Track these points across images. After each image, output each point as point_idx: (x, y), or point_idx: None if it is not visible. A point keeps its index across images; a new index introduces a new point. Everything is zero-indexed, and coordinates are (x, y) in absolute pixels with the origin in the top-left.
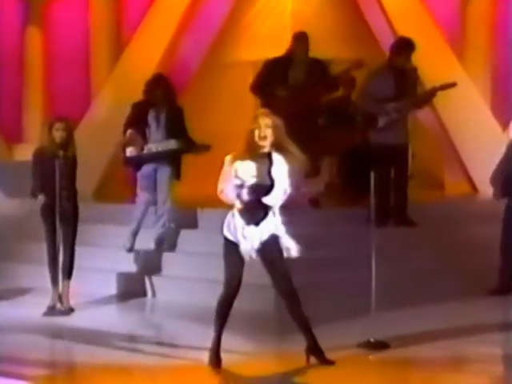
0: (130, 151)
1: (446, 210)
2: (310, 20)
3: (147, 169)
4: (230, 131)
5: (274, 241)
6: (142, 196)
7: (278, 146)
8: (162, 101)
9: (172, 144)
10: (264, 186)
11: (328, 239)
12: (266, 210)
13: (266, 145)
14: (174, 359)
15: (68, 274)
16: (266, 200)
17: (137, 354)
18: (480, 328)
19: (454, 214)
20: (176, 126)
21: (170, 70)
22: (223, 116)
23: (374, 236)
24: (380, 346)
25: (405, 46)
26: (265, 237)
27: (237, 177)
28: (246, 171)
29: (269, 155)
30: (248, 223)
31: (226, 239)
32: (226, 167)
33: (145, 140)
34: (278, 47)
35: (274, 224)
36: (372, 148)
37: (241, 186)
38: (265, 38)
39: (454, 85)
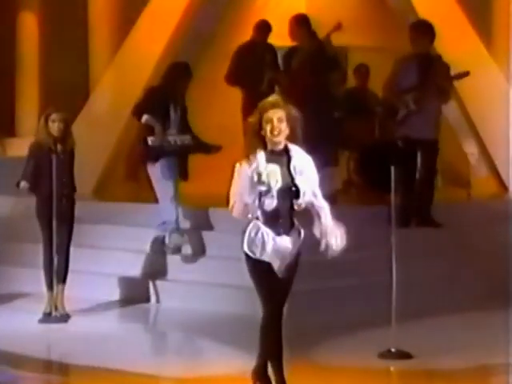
0: (152, 140)
1: (473, 209)
2: (325, 4)
3: (166, 160)
4: (239, 124)
5: (298, 255)
6: (169, 190)
7: (292, 139)
8: (182, 92)
9: (188, 139)
10: (289, 188)
11: (346, 240)
12: (292, 216)
13: (280, 140)
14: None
15: (63, 277)
16: (296, 203)
17: (139, 366)
18: (507, 337)
19: (481, 215)
20: (186, 122)
21: (174, 58)
22: (232, 108)
23: (395, 237)
24: (402, 356)
25: (423, 30)
26: (295, 250)
27: (260, 182)
28: (271, 174)
29: (286, 150)
30: (279, 233)
31: (250, 257)
32: (237, 176)
33: (164, 129)
34: None
35: (299, 233)
36: (395, 142)
37: (266, 193)
38: (278, 23)
39: (467, 73)
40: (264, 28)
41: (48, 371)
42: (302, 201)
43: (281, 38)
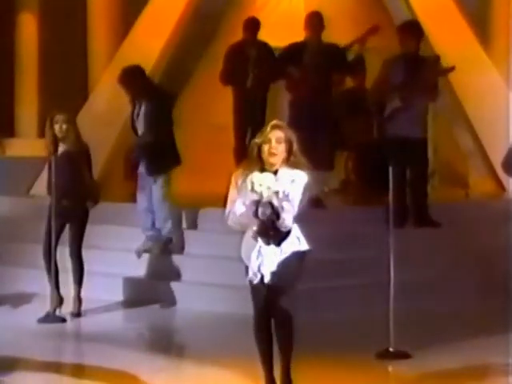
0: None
1: (471, 209)
2: (324, 4)
3: (141, 167)
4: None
5: (294, 259)
6: (140, 197)
7: (289, 164)
8: (139, 93)
9: (146, 137)
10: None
11: (343, 241)
12: (281, 229)
13: (276, 162)
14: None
15: (77, 279)
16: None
17: (143, 366)
18: (507, 337)
19: (479, 214)
20: (151, 115)
21: (173, 58)
22: (229, 107)
23: (393, 237)
24: (400, 355)
25: (411, 30)
26: (283, 256)
27: (253, 190)
28: (264, 183)
29: (275, 172)
30: (267, 243)
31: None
32: (233, 184)
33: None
34: (291, 34)
35: (296, 239)
36: (387, 142)
37: (257, 203)
38: (276, 23)
39: (453, 68)
40: (252, 25)
41: (49, 371)
42: (282, 224)
43: (280, 38)
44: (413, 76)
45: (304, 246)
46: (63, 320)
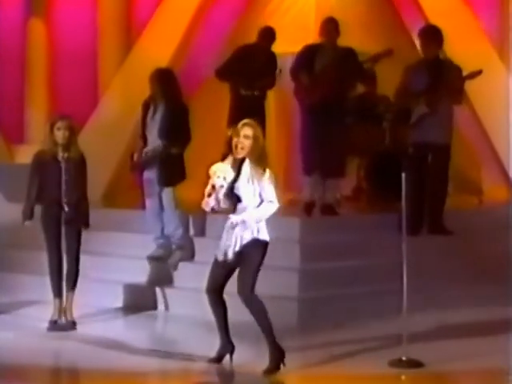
0: (135, 157)
1: (484, 217)
2: (335, 10)
3: (147, 174)
4: None
5: (253, 245)
6: (149, 204)
7: (253, 157)
8: (160, 97)
9: (159, 146)
10: (237, 189)
11: (355, 248)
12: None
13: (242, 155)
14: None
15: (72, 285)
16: (242, 204)
17: (146, 371)
18: None
19: (492, 222)
20: (171, 125)
21: (183, 65)
22: None
23: (406, 245)
24: (413, 364)
25: (431, 34)
26: (244, 241)
27: (218, 177)
28: (222, 171)
29: (243, 160)
30: (232, 227)
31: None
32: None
33: (145, 142)
34: (302, 39)
35: (255, 228)
36: (406, 148)
37: (221, 187)
38: (287, 29)
39: (480, 72)
40: (267, 35)
41: (55, 379)
42: (245, 204)
43: (291, 43)
44: (437, 80)
45: (263, 236)
46: (72, 327)
